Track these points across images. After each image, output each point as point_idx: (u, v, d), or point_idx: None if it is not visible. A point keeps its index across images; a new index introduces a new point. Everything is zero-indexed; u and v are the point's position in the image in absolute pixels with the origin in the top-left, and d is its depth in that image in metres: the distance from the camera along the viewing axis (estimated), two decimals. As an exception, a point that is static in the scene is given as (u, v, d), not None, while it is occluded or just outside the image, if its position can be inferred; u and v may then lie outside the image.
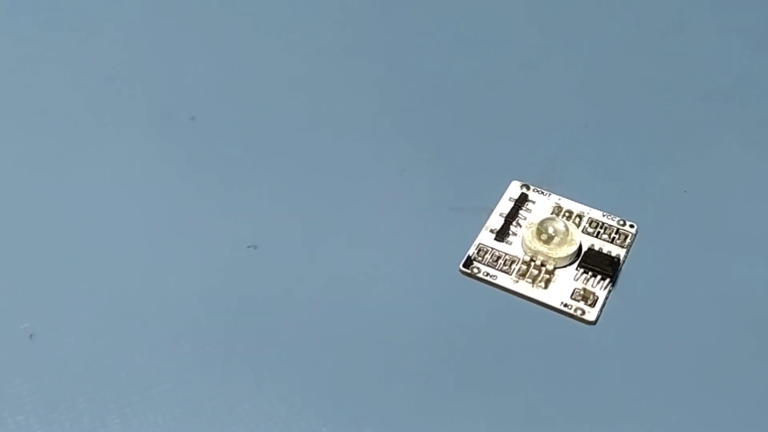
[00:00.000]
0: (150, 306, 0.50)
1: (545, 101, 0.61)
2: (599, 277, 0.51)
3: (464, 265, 0.51)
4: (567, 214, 0.54)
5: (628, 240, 0.53)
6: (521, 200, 0.54)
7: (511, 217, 0.54)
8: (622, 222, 0.53)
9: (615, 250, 0.52)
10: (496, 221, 0.54)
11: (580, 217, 0.54)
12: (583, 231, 0.53)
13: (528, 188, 0.55)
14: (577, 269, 0.51)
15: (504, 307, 0.50)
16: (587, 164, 0.57)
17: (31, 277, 0.51)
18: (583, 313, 0.50)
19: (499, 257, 0.52)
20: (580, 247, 0.52)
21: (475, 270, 0.51)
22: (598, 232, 0.53)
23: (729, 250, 0.53)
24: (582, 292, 0.50)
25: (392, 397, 0.47)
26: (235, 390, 0.47)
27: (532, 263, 0.51)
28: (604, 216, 0.54)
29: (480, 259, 0.52)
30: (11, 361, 0.48)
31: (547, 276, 0.51)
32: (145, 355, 0.48)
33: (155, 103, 0.60)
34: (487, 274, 0.51)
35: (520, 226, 0.53)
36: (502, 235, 0.53)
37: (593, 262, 0.51)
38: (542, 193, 0.55)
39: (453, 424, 0.46)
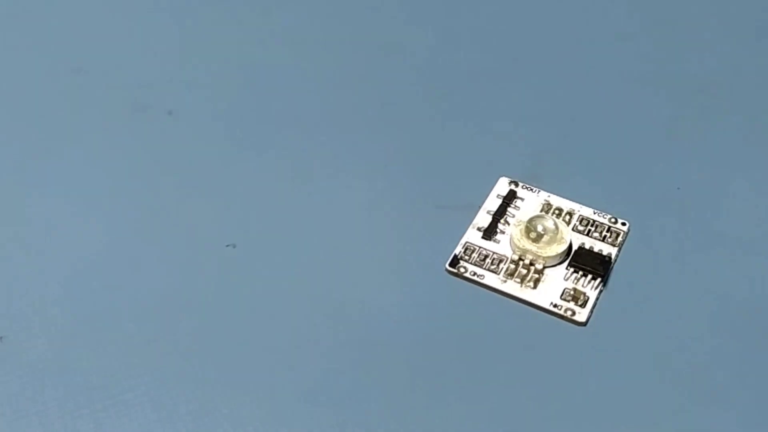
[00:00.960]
0: (124, 307, 0.49)
1: (534, 95, 0.60)
2: (590, 276, 0.51)
3: (450, 265, 0.51)
4: (557, 211, 0.53)
5: (619, 238, 0.52)
6: (509, 197, 0.54)
7: (499, 214, 0.53)
8: (613, 220, 0.53)
9: (606, 249, 0.52)
10: (483, 219, 0.53)
11: (571, 214, 0.53)
12: (573, 229, 0.53)
13: (516, 185, 0.55)
14: (567, 268, 0.51)
15: (491, 307, 0.50)
16: (577, 160, 0.57)
17: (0, 277, 0.50)
18: (574, 313, 0.49)
19: (486, 256, 0.51)
20: (570, 246, 0.51)
21: (462, 269, 0.51)
22: (589, 230, 0.53)
23: (723, 248, 0.52)
24: (572, 293, 0.50)
25: (376, 401, 0.46)
26: (212, 394, 0.46)
27: (521, 262, 0.51)
28: (595, 213, 0.53)
29: (467, 258, 0.51)
30: (-20, 364, 0.47)
31: (536, 276, 0.50)
32: (119, 358, 0.47)
33: (131, 97, 0.60)
34: (474, 274, 0.51)
35: (509, 224, 0.53)
36: (489, 233, 0.52)
37: (584, 261, 0.51)
38: (531, 190, 0.54)
39: (438, 428, 0.45)
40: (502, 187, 0.55)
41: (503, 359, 0.48)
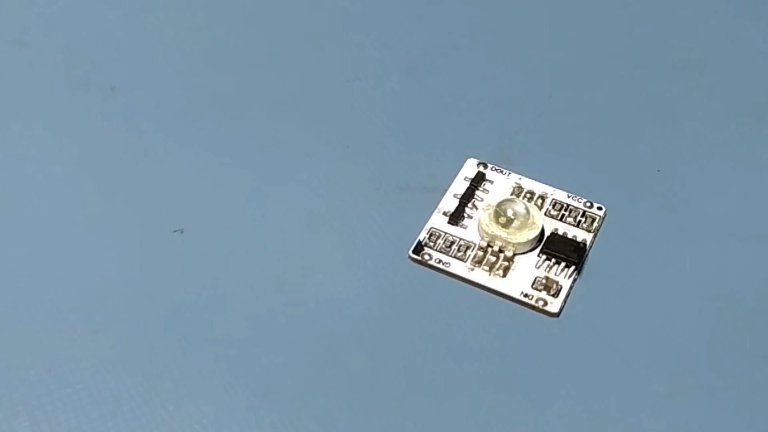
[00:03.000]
0: (64, 296, 0.49)
1: (505, 71, 0.61)
2: (563, 264, 0.51)
3: (414, 251, 0.51)
4: (528, 195, 0.54)
5: (595, 224, 0.53)
6: (478, 180, 0.54)
7: (467, 198, 0.53)
8: (588, 204, 0.53)
9: (581, 235, 0.52)
10: (449, 203, 0.53)
11: (543, 198, 0.53)
12: (545, 214, 0.53)
13: (485, 167, 0.55)
14: (538, 256, 0.51)
15: (458, 297, 0.50)
16: (551, 140, 0.57)
17: (-71, 264, 0.50)
18: (546, 304, 0.49)
19: (452, 242, 0.52)
20: (542, 232, 0.52)
21: (426, 256, 0.51)
22: (563, 215, 0.53)
23: (705, 234, 0.53)
24: (544, 281, 0.50)
25: (333, 398, 0.46)
26: (158, 390, 0.46)
27: (490, 249, 0.51)
28: (569, 197, 0.54)
29: (431, 244, 0.51)
30: None
31: (506, 263, 0.51)
32: (58, 351, 0.47)
33: (72, 72, 0.60)
34: (440, 261, 0.51)
35: (477, 209, 0.53)
36: (456, 218, 0.52)
37: (557, 248, 0.51)
38: (501, 172, 0.55)
39: (400, 427, 0.45)
40: (470, 168, 0.55)
41: (470, 352, 0.48)
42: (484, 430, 0.45)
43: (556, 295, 0.50)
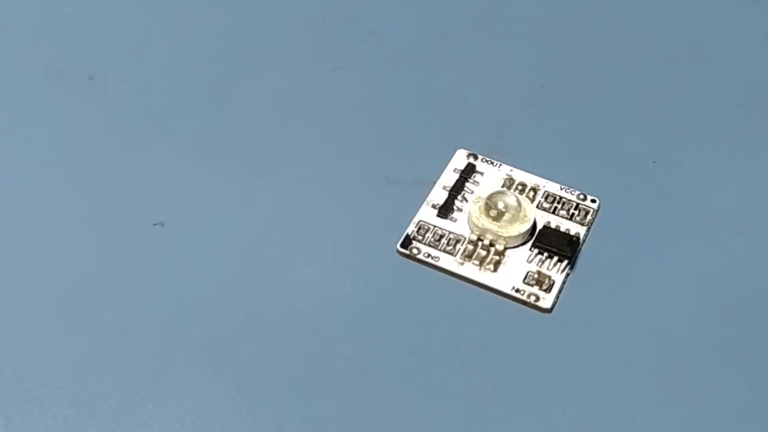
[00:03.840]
0: (40, 293, 0.49)
1: (496, 59, 0.60)
2: (556, 258, 0.51)
3: (402, 245, 0.51)
4: (520, 187, 0.53)
5: (588, 217, 0.53)
6: (468, 171, 0.54)
7: (456, 190, 0.53)
8: (582, 196, 0.53)
9: (574, 228, 0.52)
10: (438, 195, 0.53)
11: (535, 190, 0.53)
12: (537, 206, 0.53)
13: (475, 158, 0.55)
14: (530, 250, 0.51)
15: (447, 292, 0.50)
16: (543, 131, 0.57)
17: None
18: (538, 299, 0.49)
19: (441, 236, 0.51)
20: (534, 225, 0.51)
21: (415, 250, 0.51)
22: (555, 208, 0.53)
23: (701, 227, 0.53)
24: (536, 276, 0.50)
25: (320, 396, 0.46)
26: (138, 388, 0.46)
27: (480, 243, 0.51)
28: (561, 189, 0.54)
29: (420, 238, 0.51)
30: None
31: (497, 257, 0.50)
32: (34, 348, 0.47)
33: (48, 60, 0.59)
34: (429, 255, 0.51)
35: (467, 201, 0.53)
36: (445, 210, 0.52)
37: (549, 242, 0.51)
38: (492, 163, 0.55)
39: (389, 425, 0.45)
40: (460, 160, 0.55)
41: (460, 349, 0.48)
42: (476, 427, 0.45)
43: (548, 290, 0.50)
